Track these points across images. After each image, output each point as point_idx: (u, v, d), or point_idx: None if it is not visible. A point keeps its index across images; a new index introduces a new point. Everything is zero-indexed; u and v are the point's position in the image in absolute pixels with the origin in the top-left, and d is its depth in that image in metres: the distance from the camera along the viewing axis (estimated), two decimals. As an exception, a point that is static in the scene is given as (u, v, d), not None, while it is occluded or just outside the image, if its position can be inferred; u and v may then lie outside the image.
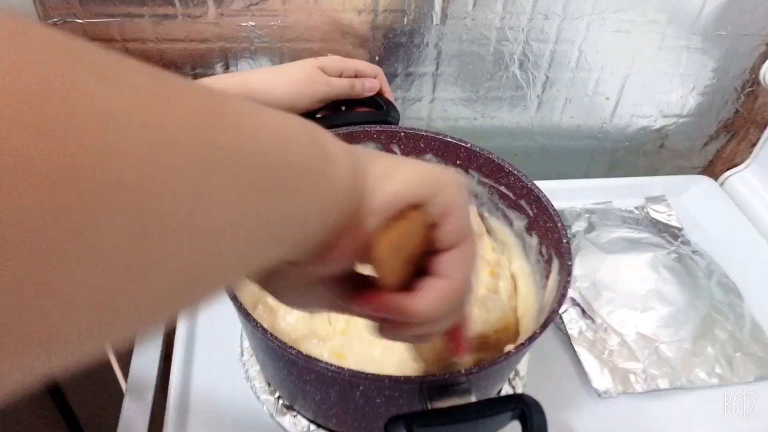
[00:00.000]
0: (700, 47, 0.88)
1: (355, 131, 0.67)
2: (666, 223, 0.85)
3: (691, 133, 1.00)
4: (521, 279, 0.64)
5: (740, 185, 0.95)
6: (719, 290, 0.75)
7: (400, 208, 0.29)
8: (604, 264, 0.74)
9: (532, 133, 0.95)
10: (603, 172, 1.02)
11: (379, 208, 0.29)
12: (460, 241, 0.32)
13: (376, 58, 0.81)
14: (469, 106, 0.89)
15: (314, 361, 0.45)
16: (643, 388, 0.64)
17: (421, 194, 0.30)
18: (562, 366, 0.67)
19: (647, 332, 0.68)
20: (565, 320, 0.69)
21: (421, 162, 0.32)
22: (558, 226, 0.57)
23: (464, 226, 0.32)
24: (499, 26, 0.81)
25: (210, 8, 0.73)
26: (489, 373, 0.47)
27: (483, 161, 0.66)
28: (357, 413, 0.51)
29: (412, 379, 0.45)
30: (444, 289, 0.32)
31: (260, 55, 0.78)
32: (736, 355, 0.68)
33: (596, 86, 0.90)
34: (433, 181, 0.30)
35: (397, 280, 0.31)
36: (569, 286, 0.52)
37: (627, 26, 0.84)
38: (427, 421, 0.43)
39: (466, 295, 0.34)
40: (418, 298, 0.31)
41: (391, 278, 0.31)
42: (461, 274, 0.32)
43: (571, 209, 0.85)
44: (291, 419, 0.58)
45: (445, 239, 0.31)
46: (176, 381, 0.62)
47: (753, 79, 0.93)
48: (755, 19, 0.85)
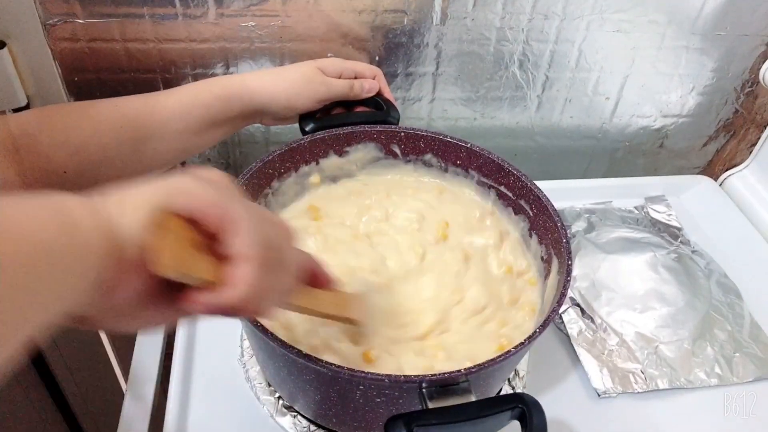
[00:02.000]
0: (699, 47, 0.88)
1: (355, 131, 0.67)
2: (665, 223, 0.85)
3: (691, 133, 1.00)
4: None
5: (740, 185, 0.95)
6: (719, 290, 0.75)
7: (148, 227, 0.31)
8: (604, 264, 0.74)
9: (532, 133, 0.95)
10: (603, 172, 1.02)
11: (130, 239, 0.31)
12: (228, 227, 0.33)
13: (376, 58, 0.82)
14: (469, 106, 0.89)
15: (314, 360, 0.45)
16: (642, 388, 0.64)
17: (156, 208, 0.32)
18: (562, 366, 0.67)
19: (647, 332, 0.68)
20: (565, 320, 0.69)
21: (164, 177, 0.34)
22: (558, 225, 0.57)
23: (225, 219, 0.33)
24: (498, 26, 0.81)
25: (210, 8, 0.73)
26: (488, 373, 0.48)
27: (483, 161, 0.66)
28: (357, 413, 0.51)
29: (411, 378, 0.45)
30: (246, 270, 0.33)
31: (260, 55, 0.78)
32: (736, 355, 0.68)
33: (596, 86, 0.90)
34: (163, 189, 0.33)
35: (199, 277, 0.32)
36: (569, 285, 0.52)
37: (627, 26, 0.84)
38: (426, 420, 0.43)
39: (274, 255, 0.36)
40: (228, 289, 0.33)
41: (195, 279, 0.32)
42: (249, 245, 0.33)
43: (570, 209, 0.85)
44: (291, 419, 0.58)
45: (224, 246, 0.33)
46: (176, 381, 0.62)
47: (752, 79, 0.93)
48: (755, 19, 0.85)
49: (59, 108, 0.59)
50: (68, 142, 0.56)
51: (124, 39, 0.74)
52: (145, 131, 0.59)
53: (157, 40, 0.75)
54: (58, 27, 0.71)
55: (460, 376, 0.45)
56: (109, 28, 0.72)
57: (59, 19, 0.70)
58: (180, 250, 0.31)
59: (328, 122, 0.67)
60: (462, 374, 0.45)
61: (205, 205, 0.33)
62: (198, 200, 0.33)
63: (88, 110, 0.58)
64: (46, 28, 0.71)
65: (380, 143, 0.68)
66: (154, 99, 0.61)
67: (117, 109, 0.58)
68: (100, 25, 0.72)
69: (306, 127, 0.66)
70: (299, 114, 0.67)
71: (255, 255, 0.34)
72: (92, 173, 0.57)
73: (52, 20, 0.70)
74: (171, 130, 0.60)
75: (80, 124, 0.57)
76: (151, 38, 0.74)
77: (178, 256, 0.31)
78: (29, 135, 0.54)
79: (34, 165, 0.54)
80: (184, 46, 0.76)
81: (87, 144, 0.56)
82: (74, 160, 0.56)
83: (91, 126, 0.57)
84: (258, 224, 0.35)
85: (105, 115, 0.58)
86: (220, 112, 0.63)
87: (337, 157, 0.67)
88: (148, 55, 0.75)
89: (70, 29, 0.71)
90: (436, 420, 0.43)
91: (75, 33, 0.72)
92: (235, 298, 0.33)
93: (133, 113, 0.59)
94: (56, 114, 0.57)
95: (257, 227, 0.34)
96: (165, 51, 0.76)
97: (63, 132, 0.56)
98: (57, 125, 0.56)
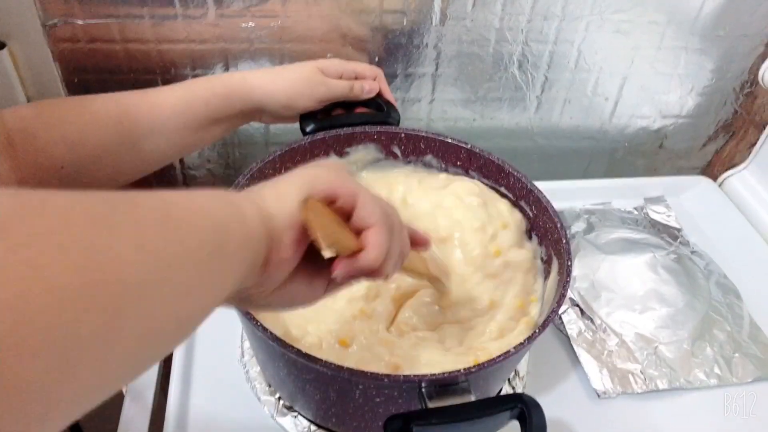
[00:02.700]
0: (699, 48, 0.88)
1: (355, 132, 0.67)
2: (665, 223, 0.85)
3: (690, 134, 1.00)
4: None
5: (739, 186, 0.95)
6: (718, 291, 0.75)
7: (299, 212, 0.36)
8: (604, 264, 0.74)
9: (532, 134, 0.95)
10: (602, 173, 1.02)
11: (286, 223, 0.36)
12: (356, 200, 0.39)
13: (375, 59, 0.82)
14: (469, 106, 0.90)
15: (314, 360, 0.45)
16: (642, 388, 0.65)
17: (305, 194, 0.37)
18: (562, 366, 0.67)
19: (646, 333, 0.68)
20: (565, 321, 0.70)
21: (299, 170, 0.40)
22: (557, 226, 0.57)
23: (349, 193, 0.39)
24: (498, 27, 0.81)
25: (210, 9, 0.73)
26: (488, 373, 0.48)
27: (483, 162, 0.66)
28: (356, 412, 0.52)
29: (411, 378, 0.45)
30: (378, 235, 0.39)
31: (260, 56, 0.78)
32: (735, 356, 0.68)
33: (595, 87, 0.90)
34: (307, 179, 0.39)
35: (346, 246, 0.38)
36: (568, 286, 0.52)
37: (626, 27, 0.84)
38: (426, 420, 0.43)
39: (393, 222, 0.41)
40: (365, 252, 0.39)
41: (344, 248, 0.38)
42: (377, 215, 0.39)
43: (570, 210, 0.85)
44: (292, 420, 0.58)
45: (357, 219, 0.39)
46: (176, 381, 0.62)
47: (752, 80, 0.93)
48: (754, 20, 0.85)
49: (57, 102, 0.58)
50: (66, 136, 0.55)
51: (123, 40, 0.74)
52: (144, 127, 0.58)
53: (157, 41, 0.75)
54: (58, 28, 0.71)
55: (459, 376, 0.45)
56: (108, 29, 0.72)
57: (59, 20, 0.71)
58: (330, 226, 0.37)
59: (328, 123, 0.67)
60: (461, 374, 0.45)
61: (339, 187, 0.39)
62: (333, 184, 0.39)
63: (87, 105, 0.57)
64: (46, 29, 0.71)
65: (380, 144, 0.68)
66: (154, 95, 0.60)
67: (116, 104, 0.58)
68: (100, 26, 0.72)
69: (306, 128, 0.66)
70: (299, 114, 0.67)
71: (383, 222, 0.39)
72: (90, 169, 0.57)
73: (52, 21, 0.70)
74: (170, 126, 0.60)
75: (78, 118, 0.56)
76: (151, 39, 0.74)
77: (329, 230, 0.37)
78: (25, 130, 0.53)
79: (30, 160, 0.53)
80: (184, 47, 0.76)
81: (85, 139, 0.56)
82: (72, 155, 0.55)
83: (90, 121, 0.56)
84: (376, 198, 0.40)
85: (103, 110, 0.57)
86: (219, 109, 0.62)
87: (337, 158, 0.67)
88: (148, 56, 0.76)
89: (70, 30, 0.72)
90: (435, 420, 0.43)
91: (75, 34, 0.72)
92: (373, 259, 0.38)
93: (132, 108, 0.58)
94: (54, 108, 0.56)
95: (377, 200, 0.40)
96: (164, 52, 0.76)
97: (60, 126, 0.55)
98: (54, 120, 0.55)
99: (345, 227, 0.39)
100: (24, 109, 0.56)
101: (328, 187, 0.39)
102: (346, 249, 0.38)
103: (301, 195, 0.37)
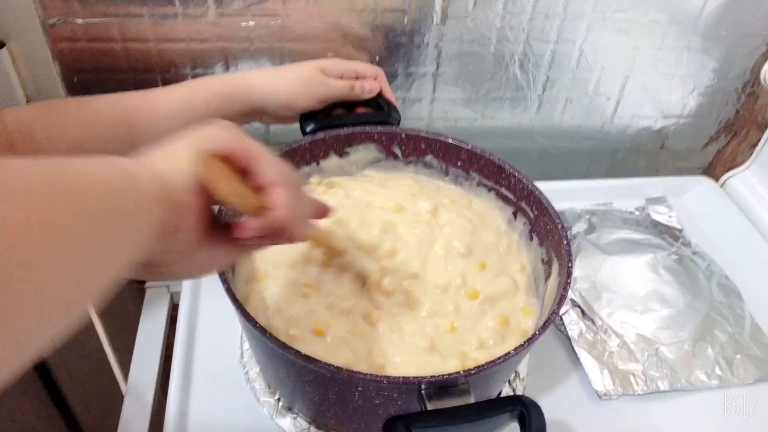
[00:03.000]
0: (700, 47, 0.87)
1: (355, 132, 0.67)
2: (666, 224, 0.85)
3: (692, 134, 1.00)
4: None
5: (741, 186, 0.95)
6: (719, 291, 0.75)
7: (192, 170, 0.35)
8: (605, 265, 0.74)
9: (533, 134, 0.95)
10: (603, 173, 1.02)
11: (180, 183, 0.35)
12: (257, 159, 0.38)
13: (376, 58, 0.81)
14: (470, 106, 0.89)
15: (313, 361, 0.45)
16: (643, 389, 0.64)
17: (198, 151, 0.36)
18: (562, 367, 0.67)
19: (647, 334, 0.68)
20: (566, 322, 0.69)
21: (189, 129, 0.39)
22: (558, 228, 0.57)
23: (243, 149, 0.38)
24: (499, 26, 0.81)
25: (210, 8, 0.73)
26: (488, 375, 0.47)
27: (484, 163, 0.66)
28: (356, 414, 0.51)
29: (410, 379, 0.44)
30: (283, 193, 0.39)
31: (260, 55, 0.78)
32: (736, 357, 0.68)
33: (597, 87, 0.90)
34: (197, 137, 0.38)
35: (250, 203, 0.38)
36: (569, 287, 0.52)
37: (627, 26, 0.83)
38: (425, 422, 0.43)
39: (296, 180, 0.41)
40: (274, 212, 0.38)
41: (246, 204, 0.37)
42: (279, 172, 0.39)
43: (571, 210, 0.85)
44: (291, 420, 0.58)
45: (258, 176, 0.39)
46: (176, 382, 0.62)
47: (754, 80, 0.93)
48: (756, 20, 0.85)
49: (56, 103, 0.58)
50: (65, 137, 0.55)
51: (123, 39, 0.73)
52: (144, 127, 0.58)
53: (157, 40, 0.74)
54: (58, 27, 0.71)
55: (459, 378, 0.45)
56: (108, 28, 0.72)
57: (59, 19, 0.70)
58: (229, 181, 0.37)
59: (328, 123, 0.67)
60: (461, 376, 0.45)
61: (233, 144, 0.38)
62: (226, 141, 0.38)
63: (86, 105, 0.57)
64: (45, 28, 0.71)
65: (381, 144, 0.68)
66: (154, 95, 0.60)
67: (115, 105, 0.58)
68: (100, 25, 0.72)
69: (306, 128, 0.66)
70: (300, 114, 0.67)
71: (285, 181, 0.39)
72: None
73: (52, 20, 0.70)
74: (170, 126, 0.60)
75: (78, 119, 0.56)
76: (151, 38, 0.74)
77: (230, 185, 0.36)
78: (25, 131, 0.54)
79: None
80: (184, 46, 0.76)
81: (84, 140, 0.56)
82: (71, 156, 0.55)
83: (89, 121, 0.56)
84: (273, 156, 0.40)
85: (103, 111, 0.57)
86: (219, 109, 0.62)
87: (337, 158, 0.67)
88: (148, 55, 0.75)
89: (69, 29, 0.71)
90: (434, 421, 0.43)
91: (74, 33, 0.72)
92: (281, 217, 0.38)
93: (132, 109, 0.58)
94: (53, 109, 0.56)
95: (275, 158, 0.39)
96: (164, 51, 0.76)
97: (60, 128, 0.55)
98: (54, 121, 0.55)
99: (244, 185, 0.38)
100: (23, 110, 0.56)
101: (219, 143, 0.37)
102: (251, 206, 0.37)
103: (191, 152, 0.36)
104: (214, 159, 0.37)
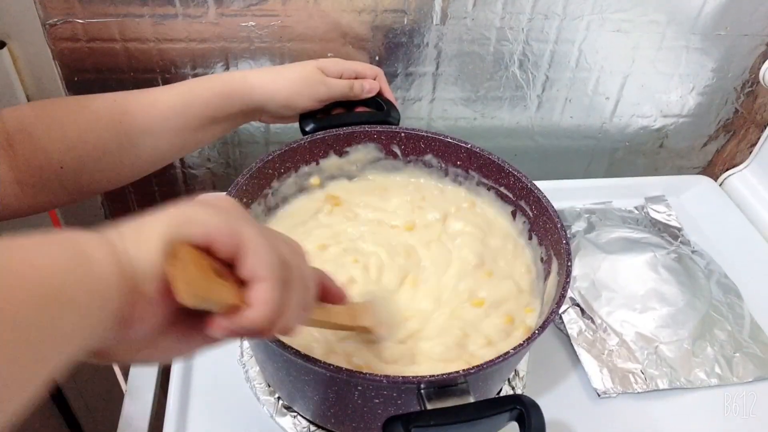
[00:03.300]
0: (699, 47, 0.88)
1: (355, 131, 0.67)
2: (665, 223, 0.85)
3: (691, 133, 1.00)
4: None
5: (740, 185, 0.95)
6: (719, 290, 0.75)
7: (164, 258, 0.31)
8: (604, 264, 0.74)
9: (532, 133, 0.95)
10: (603, 172, 1.02)
11: (146, 272, 0.31)
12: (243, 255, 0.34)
13: (376, 57, 0.82)
14: (469, 106, 0.89)
15: (312, 361, 0.45)
16: (642, 388, 0.64)
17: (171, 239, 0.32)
18: (562, 366, 0.67)
19: (647, 332, 0.68)
20: (565, 320, 0.69)
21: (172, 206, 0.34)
22: (558, 227, 0.57)
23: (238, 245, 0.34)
24: (499, 26, 0.81)
25: (210, 8, 0.73)
26: (487, 374, 0.48)
27: (483, 162, 0.66)
28: (355, 413, 0.52)
29: (410, 379, 0.45)
30: (264, 290, 0.34)
31: (260, 55, 0.78)
32: (736, 355, 0.68)
33: (596, 86, 0.90)
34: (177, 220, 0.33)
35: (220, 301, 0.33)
36: (568, 286, 0.52)
37: (627, 26, 0.84)
38: (424, 421, 0.43)
39: (291, 273, 0.36)
40: (249, 311, 0.33)
41: (216, 303, 0.33)
42: (267, 265, 0.34)
43: (570, 209, 0.85)
44: (291, 420, 0.58)
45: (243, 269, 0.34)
46: (176, 381, 0.62)
47: (753, 79, 0.93)
48: (755, 19, 0.85)
49: (56, 102, 0.58)
50: (65, 136, 0.55)
51: (123, 39, 0.74)
52: (144, 126, 0.58)
53: (157, 40, 0.75)
54: (58, 27, 0.71)
55: (458, 377, 0.45)
56: (108, 28, 0.72)
57: (59, 19, 0.70)
58: (198, 278, 0.32)
59: (328, 122, 0.67)
60: (460, 375, 0.45)
61: (217, 232, 0.33)
62: (208, 228, 0.33)
63: (86, 104, 0.57)
64: (46, 28, 0.71)
65: (380, 144, 0.68)
66: (154, 94, 0.60)
67: (115, 104, 0.58)
68: (100, 25, 0.72)
69: (306, 127, 0.66)
70: (299, 114, 0.67)
71: (271, 275, 0.34)
72: (89, 169, 0.57)
73: (52, 20, 0.70)
74: (170, 125, 0.60)
75: (77, 118, 0.56)
76: (151, 38, 0.74)
77: (196, 283, 0.31)
78: (25, 130, 0.53)
79: (29, 160, 0.53)
80: (184, 46, 0.76)
81: (84, 139, 0.56)
82: (71, 155, 0.55)
83: (89, 120, 0.56)
84: (270, 244, 0.35)
85: (103, 110, 0.57)
86: (219, 108, 0.62)
87: (337, 158, 0.67)
88: (148, 55, 0.76)
89: (69, 29, 0.71)
90: (434, 421, 0.43)
91: (75, 33, 0.72)
92: (257, 318, 0.33)
93: (132, 108, 0.58)
94: (53, 108, 0.56)
95: (270, 248, 0.35)
96: (165, 51, 0.76)
97: (60, 126, 0.55)
98: (53, 119, 0.55)
99: (228, 277, 0.34)
100: (23, 109, 0.56)
101: (203, 231, 0.33)
102: (221, 304, 0.33)
103: (164, 239, 0.32)
104: (189, 249, 0.32)
